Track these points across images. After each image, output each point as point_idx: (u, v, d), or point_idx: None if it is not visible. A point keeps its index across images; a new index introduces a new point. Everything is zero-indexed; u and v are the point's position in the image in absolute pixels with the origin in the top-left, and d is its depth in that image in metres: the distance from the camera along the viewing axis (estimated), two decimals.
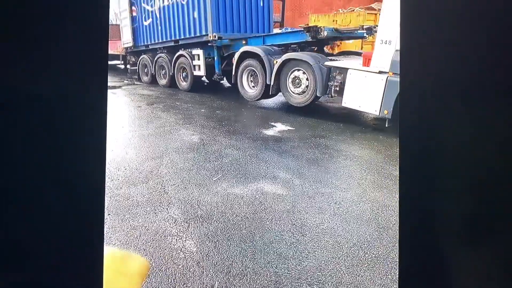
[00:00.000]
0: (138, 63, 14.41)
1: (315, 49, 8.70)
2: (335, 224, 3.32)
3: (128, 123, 7.41)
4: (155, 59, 12.86)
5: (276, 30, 11.40)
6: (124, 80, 14.92)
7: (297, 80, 7.69)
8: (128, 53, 15.55)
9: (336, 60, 7.59)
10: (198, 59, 10.75)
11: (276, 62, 8.01)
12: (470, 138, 0.40)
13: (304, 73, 7.54)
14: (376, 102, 6.11)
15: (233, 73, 9.46)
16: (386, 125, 6.17)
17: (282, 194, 3.94)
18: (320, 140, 5.98)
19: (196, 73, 10.95)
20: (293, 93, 7.83)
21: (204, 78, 11.37)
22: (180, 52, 11.40)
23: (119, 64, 18.34)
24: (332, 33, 7.98)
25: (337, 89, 7.00)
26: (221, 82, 11.73)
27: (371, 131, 6.64)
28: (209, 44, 10.33)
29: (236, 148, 5.55)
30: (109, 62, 18.62)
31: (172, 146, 5.67)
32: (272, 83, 8.17)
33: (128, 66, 16.23)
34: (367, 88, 6.29)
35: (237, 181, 4.32)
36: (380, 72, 6.04)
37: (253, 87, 9.04)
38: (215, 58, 10.44)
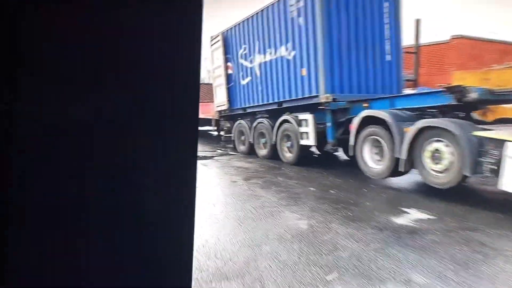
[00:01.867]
0: (233, 129, 15.26)
1: (461, 115, 8.53)
2: None
3: (220, 201, 7.83)
4: (254, 125, 13.53)
5: (407, 91, 11.42)
6: (216, 150, 15.88)
7: (437, 154, 7.57)
8: (222, 118, 16.50)
9: (491, 129, 7.36)
10: (307, 126, 11.09)
11: (409, 130, 8.01)
12: None
13: (446, 145, 7.41)
14: None
15: (352, 143, 9.60)
16: None
17: None
18: (471, 234, 5.70)
19: (303, 142, 11.27)
20: (432, 170, 7.67)
21: (313, 149, 11.60)
22: (284, 116, 11.90)
23: (211, 131, 19.57)
24: (484, 95, 7.80)
25: (492, 167, 6.73)
26: (335, 154, 11.90)
27: None
28: (320, 107, 10.65)
29: (356, 240, 5.51)
30: (200, 128, 19.90)
31: (274, 233, 5.82)
32: (403, 157, 8.13)
33: (221, 132, 17.19)
34: None
35: (357, 283, 4.26)
36: None
37: (378, 161, 9.05)
38: (328, 124, 10.71)
